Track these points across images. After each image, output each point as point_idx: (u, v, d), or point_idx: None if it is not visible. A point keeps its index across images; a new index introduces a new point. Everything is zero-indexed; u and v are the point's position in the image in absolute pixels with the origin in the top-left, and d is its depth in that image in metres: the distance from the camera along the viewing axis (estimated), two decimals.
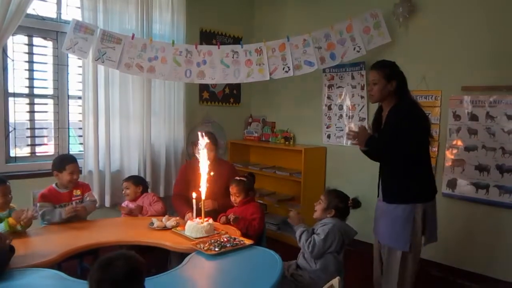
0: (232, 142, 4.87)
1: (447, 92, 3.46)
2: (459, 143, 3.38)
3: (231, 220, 2.78)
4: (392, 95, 2.47)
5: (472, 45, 3.31)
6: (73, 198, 2.87)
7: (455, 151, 3.41)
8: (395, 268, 2.47)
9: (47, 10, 3.51)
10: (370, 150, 2.57)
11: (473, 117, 3.30)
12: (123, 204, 3.25)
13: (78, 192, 2.92)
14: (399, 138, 2.35)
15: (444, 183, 3.45)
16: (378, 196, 2.64)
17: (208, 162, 2.58)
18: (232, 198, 2.95)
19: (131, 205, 3.18)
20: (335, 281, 1.57)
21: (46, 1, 3.49)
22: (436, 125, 3.49)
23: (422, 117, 2.44)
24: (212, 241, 2.34)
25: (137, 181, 3.31)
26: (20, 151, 3.48)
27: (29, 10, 3.20)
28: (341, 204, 2.44)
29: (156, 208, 3.14)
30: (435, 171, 3.46)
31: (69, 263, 2.66)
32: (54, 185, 2.88)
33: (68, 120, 3.67)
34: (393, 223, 2.46)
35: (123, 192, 3.27)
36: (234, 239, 2.39)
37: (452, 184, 3.42)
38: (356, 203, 2.46)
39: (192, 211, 2.70)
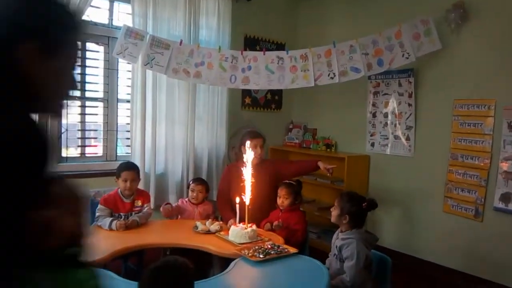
0: (272, 148, 4.85)
1: (501, 101, 3.30)
2: None
3: (273, 227, 2.77)
4: None
5: None
6: (134, 209, 2.83)
7: (509, 163, 3.24)
8: None
9: (99, 16, 3.64)
10: None
11: None
12: (179, 202, 3.24)
13: (139, 203, 2.87)
14: None
15: (496, 197, 3.28)
16: None
17: (254, 162, 2.58)
18: (280, 201, 2.92)
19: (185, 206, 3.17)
20: None
21: (99, 7, 3.62)
22: (489, 136, 3.33)
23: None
24: (256, 247, 2.33)
25: (207, 187, 3.28)
26: (70, 151, 3.60)
27: (83, 17, 3.31)
28: (354, 208, 2.32)
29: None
30: (487, 184, 3.34)
31: (114, 263, 2.72)
32: (119, 191, 2.86)
33: (117, 123, 3.78)
34: None
35: (192, 194, 3.15)
36: (278, 246, 2.37)
37: (505, 198, 3.24)
38: (372, 205, 2.34)
39: (235, 217, 2.71)
